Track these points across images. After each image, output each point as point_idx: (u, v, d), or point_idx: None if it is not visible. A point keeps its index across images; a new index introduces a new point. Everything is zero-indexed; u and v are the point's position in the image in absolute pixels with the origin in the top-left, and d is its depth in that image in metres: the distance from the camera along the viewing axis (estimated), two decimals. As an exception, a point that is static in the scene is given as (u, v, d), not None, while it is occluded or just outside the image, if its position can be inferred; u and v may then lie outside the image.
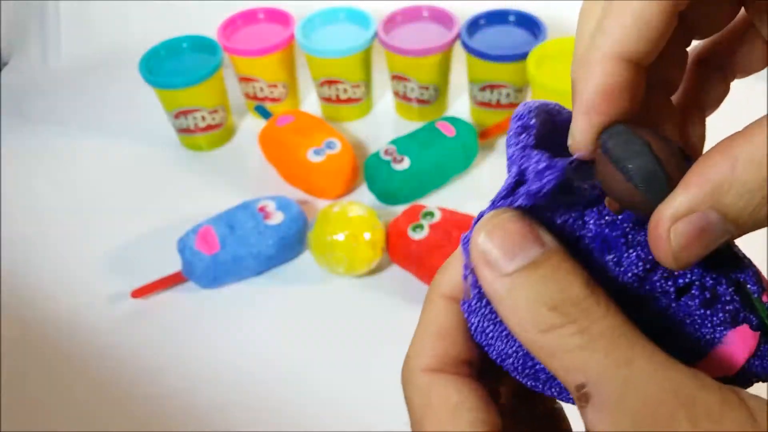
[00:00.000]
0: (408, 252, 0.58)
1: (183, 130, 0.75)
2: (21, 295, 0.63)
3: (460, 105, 0.78)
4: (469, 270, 0.21)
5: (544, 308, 0.18)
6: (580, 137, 0.20)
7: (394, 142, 0.67)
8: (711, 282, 0.21)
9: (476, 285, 0.21)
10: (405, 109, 0.78)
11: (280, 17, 0.76)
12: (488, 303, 0.21)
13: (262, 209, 0.61)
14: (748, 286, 0.21)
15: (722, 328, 0.21)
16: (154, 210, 0.69)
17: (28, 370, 0.57)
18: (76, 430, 0.52)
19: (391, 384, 0.53)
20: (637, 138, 0.19)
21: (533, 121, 0.21)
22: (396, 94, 0.77)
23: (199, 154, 0.76)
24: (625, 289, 0.21)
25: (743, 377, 0.20)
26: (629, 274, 0.21)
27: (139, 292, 0.60)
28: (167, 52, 0.74)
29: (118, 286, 0.62)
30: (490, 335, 0.21)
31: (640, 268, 0.21)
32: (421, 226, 0.58)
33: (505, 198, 0.21)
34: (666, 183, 0.18)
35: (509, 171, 0.21)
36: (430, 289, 0.23)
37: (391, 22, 0.74)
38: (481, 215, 0.21)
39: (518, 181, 0.21)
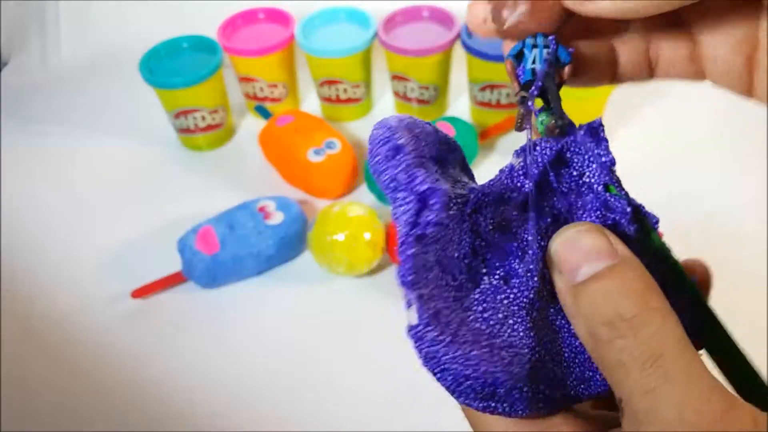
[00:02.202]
0: (408, 252, 0.58)
1: (183, 130, 0.75)
2: (21, 295, 0.63)
3: (460, 105, 0.78)
4: (413, 297, 0.20)
5: (600, 321, 0.19)
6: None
7: (394, 142, 0.67)
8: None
9: (423, 309, 0.20)
10: (405, 109, 0.77)
11: (280, 17, 0.76)
12: (437, 326, 0.20)
13: (262, 209, 0.61)
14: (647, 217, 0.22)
15: None
16: (154, 210, 0.69)
17: (28, 370, 0.57)
18: (76, 430, 0.52)
19: (391, 383, 0.54)
20: None
21: (402, 140, 0.21)
22: (396, 94, 0.77)
23: (199, 154, 0.76)
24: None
25: None
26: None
27: (139, 292, 0.60)
28: (167, 52, 0.74)
29: (118, 286, 0.62)
30: (444, 359, 0.20)
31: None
32: (421, 226, 0.58)
33: (412, 227, 0.20)
34: None
35: (392, 197, 0.21)
36: None
37: (391, 22, 0.74)
38: (400, 246, 0.21)
39: (420, 206, 0.21)
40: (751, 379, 0.22)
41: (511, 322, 0.21)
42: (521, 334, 0.21)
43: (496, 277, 0.22)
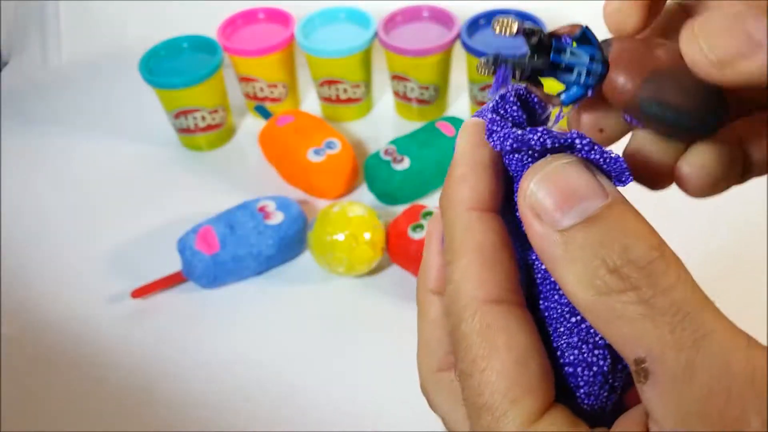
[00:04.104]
0: (408, 252, 0.58)
1: (183, 130, 0.75)
2: (21, 295, 0.63)
3: (460, 105, 0.78)
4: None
5: (603, 269, 0.16)
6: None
7: (394, 142, 0.67)
8: None
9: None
10: (405, 109, 0.78)
11: (280, 17, 0.76)
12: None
13: (262, 209, 0.61)
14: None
15: None
16: (154, 210, 0.69)
17: (28, 370, 0.57)
18: (76, 430, 0.52)
19: (391, 383, 0.54)
20: None
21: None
22: (396, 94, 0.77)
23: (199, 154, 0.76)
24: None
25: None
26: None
27: (139, 292, 0.60)
28: (167, 52, 0.74)
29: (118, 286, 0.62)
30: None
31: None
32: (421, 226, 0.58)
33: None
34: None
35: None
36: (447, 201, 0.20)
37: (391, 22, 0.74)
38: (482, 112, 0.22)
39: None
40: None
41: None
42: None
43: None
